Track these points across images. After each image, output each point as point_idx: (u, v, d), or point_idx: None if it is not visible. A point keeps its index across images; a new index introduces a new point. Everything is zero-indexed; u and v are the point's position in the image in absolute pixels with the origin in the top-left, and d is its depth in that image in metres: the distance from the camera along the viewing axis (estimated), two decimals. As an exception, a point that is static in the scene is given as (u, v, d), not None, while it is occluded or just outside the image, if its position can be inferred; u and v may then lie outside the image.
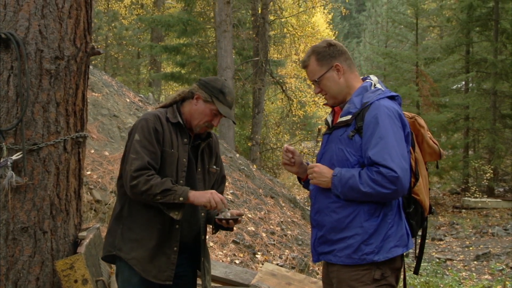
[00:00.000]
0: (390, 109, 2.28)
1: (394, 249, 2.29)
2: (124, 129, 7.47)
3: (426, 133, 2.51)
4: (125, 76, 23.21)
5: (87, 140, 3.29)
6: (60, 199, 2.73)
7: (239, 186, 8.06)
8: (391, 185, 2.18)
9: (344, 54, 2.44)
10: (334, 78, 2.40)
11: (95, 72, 9.63)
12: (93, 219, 5.29)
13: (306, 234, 7.52)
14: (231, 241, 6.05)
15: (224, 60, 13.42)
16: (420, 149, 2.49)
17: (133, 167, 2.42)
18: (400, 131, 2.27)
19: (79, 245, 2.82)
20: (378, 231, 2.27)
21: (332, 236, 2.34)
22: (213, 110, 2.58)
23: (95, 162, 6.19)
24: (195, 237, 2.66)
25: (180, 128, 2.61)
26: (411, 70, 18.10)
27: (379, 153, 2.20)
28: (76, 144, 2.81)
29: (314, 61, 2.42)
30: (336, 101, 2.45)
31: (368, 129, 2.25)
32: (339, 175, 2.28)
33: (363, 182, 2.21)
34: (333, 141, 2.38)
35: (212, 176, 2.74)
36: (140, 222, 2.53)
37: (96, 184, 5.74)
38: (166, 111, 2.63)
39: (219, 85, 2.61)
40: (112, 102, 8.22)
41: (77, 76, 2.78)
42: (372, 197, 2.23)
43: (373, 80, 2.45)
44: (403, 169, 2.19)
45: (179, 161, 2.55)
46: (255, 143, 16.28)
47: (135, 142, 2.48)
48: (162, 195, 2.41)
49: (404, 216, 2.37)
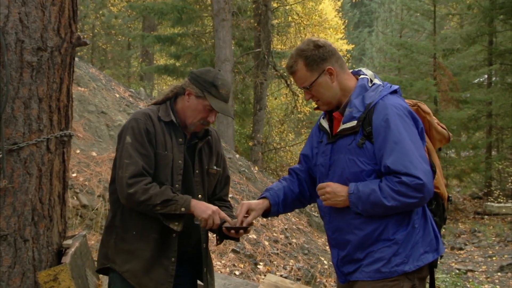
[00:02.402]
0: (398, 107, 2.27)
1: (424, 256, 2.29)
2: (113, 127, 7.47)
3: (433, 119, 2.51)
4: (114, 69, 23.22)
5: (73, 140, 3.29)
6: (42, 204, 2.73)
7: (239, 190, 8.06)
8: (418, 193, 2.18)
9: (335, 54, 2.41)
10: (327, 83, 2.38)
11: (81, 64, 9.64)
12: (79, 226, 5.29)
13: (312, 242, 7.51)
14: (230, 250, 6.05)
15: (222, 52, 13.42)
16: (429, 137, 2.50)
17: (127, 173, 2.42)
18: (413, 129, 2.26)
19: (63, 254, 2.82)
20: (407, 239, 2.27)
21: (358, 255, 2.33)
22: (206, 106, 2.57)
23: (81, 163, 6.20)
24: (195, 245, 2.66)
25: (174, 127, 2.60)
26: (428, 63, 18.08)
27: (398, 161, 2.19)
28: (60, 143, 2.81)
29: (303, 67, 2.38)
30: (331, 106, 2.43)
31: (379, 134, 2.24)
32: (357, 192, 2.27)
33: (386, 195, 2.20)
34: (341, 152, 2.36)
35: (212, 178, 2.74)
36: (133, 231, 2.53)
37: (82, 188, 5.74)
38: (158, 108, 2.63)
39: (211, 78, 2.58)
40: (100, 97, 8.23)
41: (61, 69, 2.77)
42: (398, 209, 2.23)
43: (368, 75, 2.43)
44: (426, 173, 2.19)
45: (174, 163, 2.55)
46: (257, 143, 16.28)
47: (127, 145, 2.48)
48: (162, 205, 2.42)
49: (430, 215, 2.38)
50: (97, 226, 5.37)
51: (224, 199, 2.87)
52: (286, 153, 20.18)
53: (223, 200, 2.85)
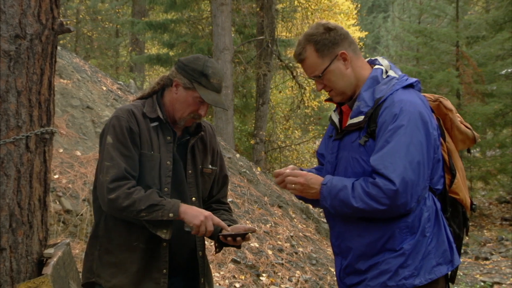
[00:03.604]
0: (408, 105, 2.25)
1: (437, 268, 2.28)
2: (99, 123, 7.48)
3: (455, 116, 2.49)
4: (100, 59, 23.22)
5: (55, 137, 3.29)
6: (21, 208, 2.73)
7: (239, 193, 8.06)
8: (388, 200, 2.16)
9: (347, 38, 2.41)
10: (341, 70, 2.37)
11: (64, 54, 9.65)
12: (62, 233, 5.30)
13: (321, 251, 7.52)
14: (230, 260, 6.05)
15: (221, 40, 13.41)
16: (450, 136, 2.48)
17: (108, 177, 2.42)
18: (419, 132, 2.23)
19: (44, 265, 2.82)
20: (416, 249, 2.26)
21: (360, 265, 2.33)
22: (196, 98, 2.56)
23: (64, 163, 6.21)
24: (189, 254, 2.66)
25: (161, 124, 2.60)
26: (450, 52, 18.03)
27: (380, 159, 2.19)
28: (41, 141, 2.81)
29: (313, 53, 2.38)
30: (345, 96, 2.43)
31: (381, 131, 2.24)
32: (329, 185, 2.27)
33: (356, 195, 2.20)
34: (346, 149, 2.37)
35: (207, 178, 2.73)
36: (118, 241, 2.54)
37: (65, 191, 5.75)
38: (143, 103, 2.62)
39: (200, 66, 2.57)
40: (85, 90, 8.24)
41: (42, 59, 2.77)
42: (365, 213, 2.22)
43: (384, 65, 2.42)
44: (406, 181, 2.15)
45: (162, 164, 2.54)
46: (259, 141, 16.28)
47: (108, 146, 2.48)
48: (147, 211, 2.40)
49: (444, 223, 2.36)
50: (82, 233, 5.38)
51: (222, 201, 2.86)
52: (292, 153, 20.18)
53: (221, 203, 2.85)
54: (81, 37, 22.99)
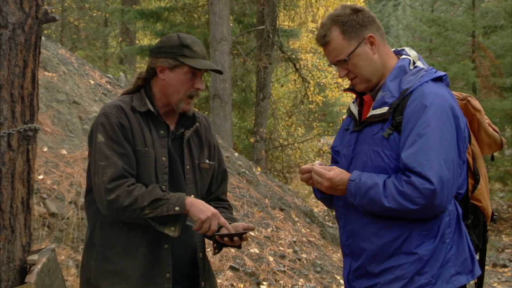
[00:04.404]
0: (439, 98, 2.26)
1: (456, 278, 2.29)
2: (87, 119, 7.49)
3: (483, 118, 2.50)
4: (88, 50, 23.22)
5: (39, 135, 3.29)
6: (2, 212, 2.73)
7: (238, 195, 8.06)
8: (423, 200, 2.16)
9: (375, 22, 2.42)
10: (368, 55, 2.38)
11: (48, 45, 9.64)
12: (47, 238, 5.30)
13: (326, 258, 7.52)
14: (228, 267, 6.05)
15: (218, 30, 13.41)
16: (476, 139, 2.48)
17: (106, 177, 2.43)
18: (450, 127, 2.24)
19: (28, 272, 2.82)
20: (435, 256, 2.26)
21: (373, 268, 2.33)
22: (187, 72, 2.59)
23: (49, 163, 6.21)
24: (191, 256, 2.68)
25: (153, 117, 2.61)
26: (465, 42, 18.03)
27: (414, 156, 2.19)
28: (24, 139, 2.81)
29: (339, 35, 2.38)
30: (370, 84, 2.43)
31: (408, 124, 2.24)
32: (358, 182, 2.28)
33: (388, 194, 2.21)
34: (365, 142, 2.36)
35: (205, 174, 2.75)
36: (117, 247, 2.54)
37: (50, 192, 5.75)
38: (131, 98, 2.64)
39: (176, 41, 2.61)
40: (72, 84, 8.24)
41: (25, 50, 2.77)
42: (397, 213, 2.23)
43: (411, 56, 2.43)
44: (443, 180, 2.16)
45: (157, 161, 2.56)
46: (260, 139, 16.28)
47: (100, 146, 2.49)
48: (151, 207, 2.41)
49: (465, 231, 2.37)
50: (68, 238, 5.38)
51: (222, 198, 2.88)
52: (295, 151, 20.18)
53: (220, 200, 2.87)
54: (67, 27, 22.99)
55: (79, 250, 5.16)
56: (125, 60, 22.40)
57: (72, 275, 4.87)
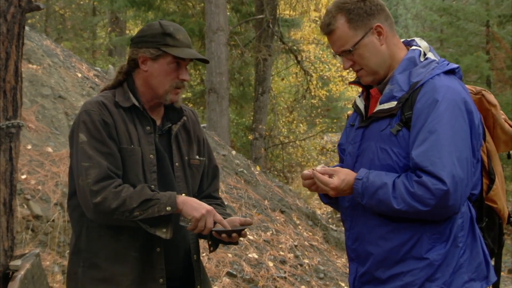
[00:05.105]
0: (452, 92, 2.26)
1: (469, 285, 2.29)
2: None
3: (499, 113, 2.49)
4: (75, 41, 23.20)
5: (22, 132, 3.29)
6: (-16, 214, 2.73)
7: (235, 196, 8.06)
8: (435, 201, 2.16)
9: (384, 11, 2.42)
10: (375, 45, 2.38)
11: (32, 35, 9.64)
12: (31, 243, 5.31)
13: (329, 263, 7.53)
14: (224, 273, 6.06)
15: (214, 19, 13.40)
16: (491, 136, 2.48)
17: (90, 178, 2.43)
18: (463, 123, 2.24)
19: (10, 279, 2.82)
20: (447, 261, 2.26)
21: (380, 274, 2.33)
22: (170, 63, 2.59)
23: (33, 162, 6.21)
24: (185, 258, 2.68)
25: (138, 113, 2.62)
26: (479, 33, 18.03)
27: (426, 154, 2.19)
28: (6, 136, 2.81)
29: (345, 23, 2.37)
30: (377, 77, 2.43)
31: (419, 120, 2.24)
32: (366, 181, 2.28)
33: (398, 196, 2.21)
34: (372, 138, 2.37)
35: (196, 171, 2.76)
36: (106, 253, 2.54)
37: (34, 193, 5.75)
38: (113, 93, 2.64)
39: (158, 29, 2.62)
40: (57, 77, 8.23)
41: (7, 41, 2.77)
42: (406, 214, 2.23)
43: (422, 47, 2.42)
44: (456, 180, 2.16)
45: (145, 159, 2.56)
46: (259, 136, 16.27)
47: (83, 146, 2.49)
48: (141, 209, 2.41)
49: (479, 234, 2.37)
50: (54, 242, 5.38)
51: (214, 195, 2.89)
52: (296, 149, 20.20)
53: (212, 198, 2.87)
54: (52, 16, 22.98)
55: (65, 255, 5.16)
56: (114, 51, 22.38)
57: (58, 282, 4.88)
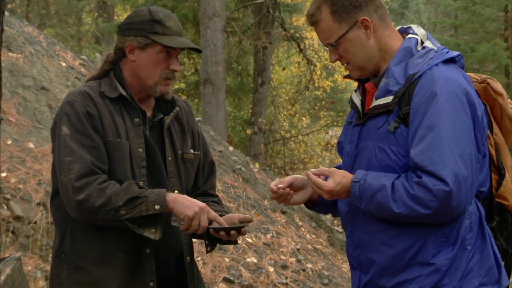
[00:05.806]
0: (452, 83, 2.25)
1: None
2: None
3: (507, 103, 2.47)
4: (59, 27, 23.16)
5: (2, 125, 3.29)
6: (-40, 214, 2.73)
7: (233, 196, 8.07)
8: (437, 203, 2.16)
9: (373, 2, 2.40)
10: (360, 40, 2.37)
11: (12, 21, 9.62)
12: (11, 246, 5.31)
13: (334, 268, 7.54)
14: (221, 278, 6.07)
15: (210, 4, 13.39)
16: (499, 128, 2.47)
17: (72, 174, 2.42)
18: (465, 116, 2.23)
19: (-11, 284, 2.83)
20: (455, 266, 2.26)
21: (385, 282, 2.33)
22: (160, 52, 2.59)
23: (14, 158, 6.20)
24: (177, 260, 2.69)
25: (125, 104, 2.62)
26: (496, 18, 18.04)
27: (425, 153, 2.18)
28: (-16, 130, 2.81)
29: (328, 15, 2.37)
30: (365, 72, 2.43)
31: (417, 115, 2.23)
32: (363, 184, 2.28)
33: (397, 198, 2.21)
34: (369, 137, 2.36)
35: (190, 166, 2.76)
36: (91, 255, 2.54)
37: (15, 193, 5.75)
38: (99, 84, 2.64)
39: (147, 15, 2.63)
40: (40, 67, 8.22)
41: (-16, 27, 2.77)
42: (407, 218, 2.23)
43: (419, 35, 2.41)
44: (459, 179, 2.15)
45: (133, 153, 2.56)
46: (258, 131, 16.29)
47: (65, 139, 2.48)
48: (128, 207, 2.41)
49: (489, 234, 2.36)
50: (36, 245, 5.38)
51: (210, 193, 2.89)
52: (299, 145, 20.21)
53: (209, 195, 2.87)
54: (34, 0, 22.92)
55: (49, 259, 5.16)
56: (101, 39, 22.38)
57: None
